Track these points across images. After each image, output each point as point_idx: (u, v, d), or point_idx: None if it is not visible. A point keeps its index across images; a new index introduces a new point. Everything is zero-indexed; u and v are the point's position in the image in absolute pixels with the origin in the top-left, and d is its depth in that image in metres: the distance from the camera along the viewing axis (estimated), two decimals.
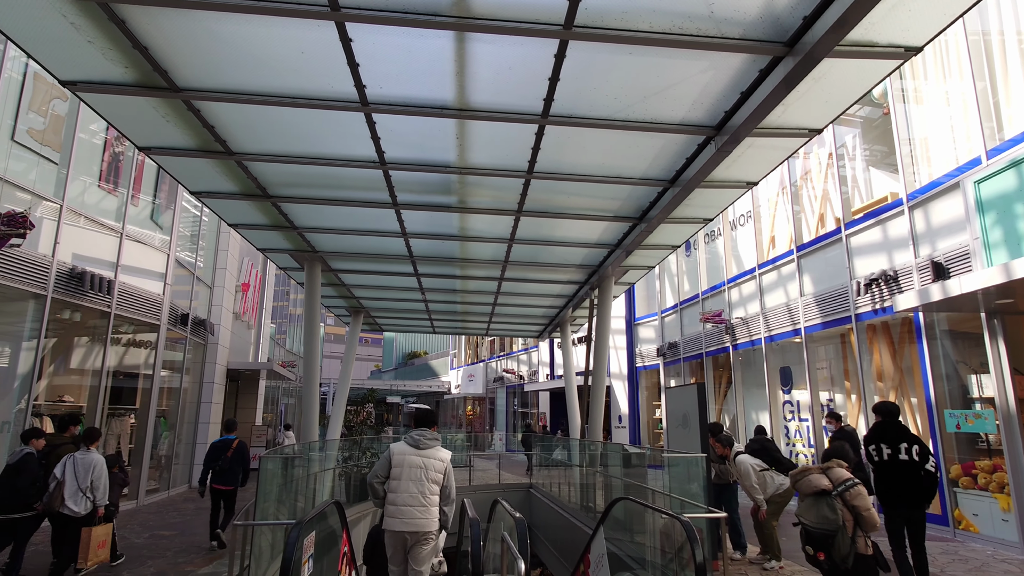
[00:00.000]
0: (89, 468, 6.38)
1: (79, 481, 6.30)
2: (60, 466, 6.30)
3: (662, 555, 6.79)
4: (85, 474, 6.34)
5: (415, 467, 4.89)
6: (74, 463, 6.35)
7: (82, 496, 6.28)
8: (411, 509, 4.81)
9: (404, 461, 4.91)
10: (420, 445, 4.98)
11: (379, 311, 14.35)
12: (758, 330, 13.85)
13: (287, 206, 7.54)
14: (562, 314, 13.97)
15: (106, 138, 11.12)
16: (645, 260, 9.79)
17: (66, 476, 6.25)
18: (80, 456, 6.42)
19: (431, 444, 5.02)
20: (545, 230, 8.27)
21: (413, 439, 5.02)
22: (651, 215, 7.32)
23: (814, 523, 4.43)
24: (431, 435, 5.06)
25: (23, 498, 6.09)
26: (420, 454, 4.95)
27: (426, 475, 4.89)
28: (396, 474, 4.89)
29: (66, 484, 6.22)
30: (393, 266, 10.26)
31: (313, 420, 10.06)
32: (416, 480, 4.86)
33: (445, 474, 5.03)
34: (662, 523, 7.13)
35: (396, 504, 4.84)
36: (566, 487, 13.11)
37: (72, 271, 9.66)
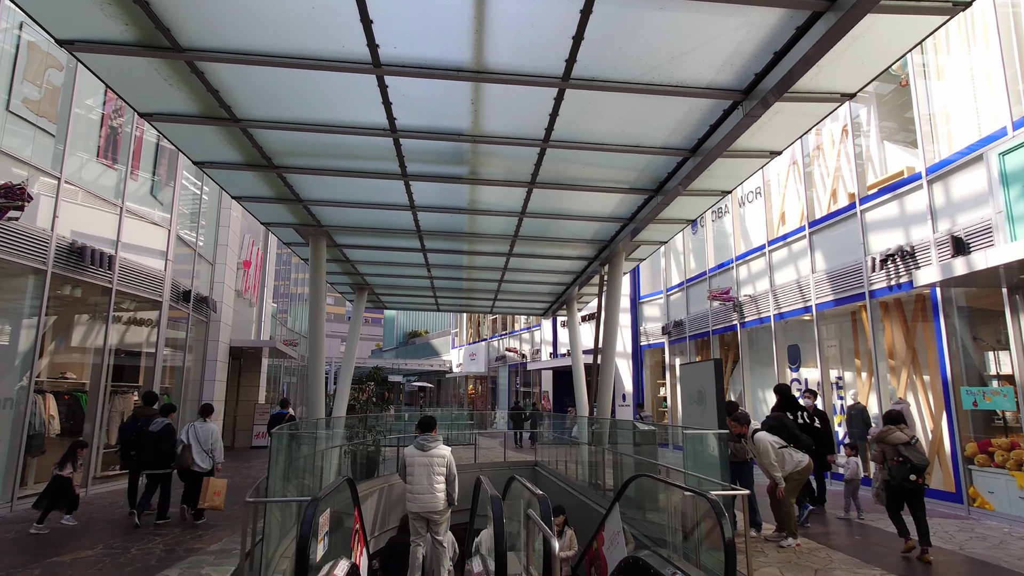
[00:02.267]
0: (208, 434, 8.14)
1: (201, 444, 8.04)
2: (184, 433, 8.13)
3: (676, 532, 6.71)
4: (206, 439, 8.09)
5: (423, 465, 6.54)
6: (195, 431, 8.11)
7: (206, 455, 8.04)
8: (423, 495, 6.51)
9: (414, 462, 6.55)
10: (425, 448, 6.60)
11: (383, 288, 14.17)
12: (767, 308, 13.70)
13: (293, 177, 7.31)
14: (569, 291, 13.80)
15: (103, 114, 10.82)
16: (657, 235, 9.58)
17: (191, 440, 8.00)
18: (199, 425, 8.19)
19: (433, 445, 6.63)
20: (557, 203, 8.05)
21: (419, 444, 6.63)
22: (668, 187, 7.10)
23: (918, 460, 6.16)
24: (433, 438, 6.68)
25: (166, 457, 7.96)
26: (426, 454, 6.57)
27: (432, 470, 6.53)
28: (410, 471, 6.56)
29: (192, 447, 7.94)
30: (400, 241, 10.05)
31: (319, 397, 9.95)
32: (425, 474, 6.51)
33: (447, 465, 6.65)
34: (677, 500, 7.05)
35: (413, 492, 6.54)
36: (573, 465, 13.07)
37: (72, 246, 9.46)
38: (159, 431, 7.98)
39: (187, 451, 7.94)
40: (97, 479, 10.72)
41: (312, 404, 9.83)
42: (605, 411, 10.78)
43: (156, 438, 7.92)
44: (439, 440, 6.67)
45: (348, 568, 4.74)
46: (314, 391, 9.89)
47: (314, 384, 9.91)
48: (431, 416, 6.86)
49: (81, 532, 7.30)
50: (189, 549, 6.55)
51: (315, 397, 9.87)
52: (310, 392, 9.92)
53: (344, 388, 12.52)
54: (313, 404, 9.84)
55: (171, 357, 13.16)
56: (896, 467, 6.16)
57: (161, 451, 7.91)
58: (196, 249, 14.19)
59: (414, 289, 14.27)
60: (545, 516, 4.10)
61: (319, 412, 9.93)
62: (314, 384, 9.91)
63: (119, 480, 11.07)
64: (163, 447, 7.93)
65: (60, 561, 5.99)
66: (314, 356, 9.91)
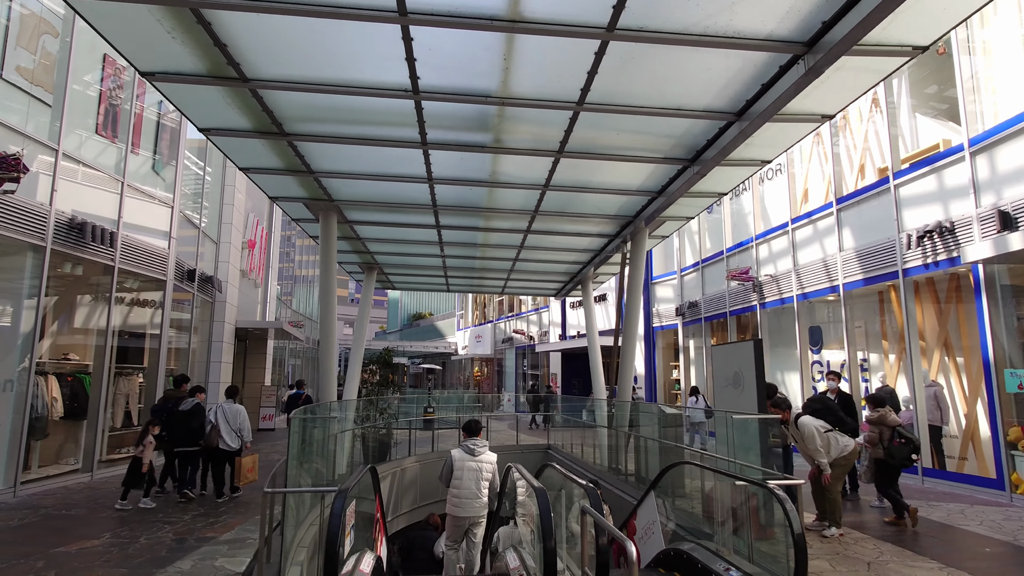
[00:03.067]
0: (236, 415, 8.37)
1: (230, 424, 8.27)
2: (212, 413, 8.34)
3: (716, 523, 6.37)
4: (234, 419, 8.32)
5: (472, 470, 6.35)
6: (223, 411, 8.34)
7: (234, 435, 8.27)
8: (469, 501, 6.32)
9: (463, 466, 6.35)
10: (475, 453, 6.40)
11: (393, 267, 13.75)
12: (789, 288, 13.27)
13: (304, 146, 6.86)
14: (585, 271, 13.37)
15: (101, 90, 10.30)
16: (685, 210, 9.14)
17: (219, 420, 8.23)
18: (227, 406, 8.42)
19: (482, 451, 6.46)
20: (584, 174, 7.60)
21: (468, 448, 6.43)
22: (706, 156, 6.64)
23: (916, 439, 6.75)
24: (482, 443, 6.52)
25: (196, 436, 8.22)
26: (475, 459, 6.38)
27: (480, 475, 6.36)
28: (458, 475, 6.34)
29: (221, 427, 8.18)
30: (414, 217, 9.61)
31: (331, 379, 9.59)
32: (473, 480, 6.33)
33: (493, 473, 6.51)
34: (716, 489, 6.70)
35: (458, 497, 6.33)
36: (590, 449, 12.77)
37: (72, 221, 9.04)
38: (189, 410, 8.28)
39: (215, 431, 8.23)
40: (103, 463, 10.41)
41: (324, 386, 9.48)
42: (626, 394, 10.41)
43: (186, 417, 8.23)
44: (487, 444, 6.54)
45: (374, 563, 4.39)
46: (326, 373, 9.52)
47: (326, 366, 9.55)
48: (477, 420, 6.76)
49: (86, 519, 6.98)
50: (200, 539, 6.22)
51: (327, 379, 9.51)
52: (321, 374, 9.56)
53: (355, 370, 12.16)
54: (325, 386, 9.48)
55: (176, 338, 12.80)
56: (898, 447, 6.70)
57: (192, 429, 8.23)
58: (200, 227, 13.76)
59: (425, 268, 13.85)
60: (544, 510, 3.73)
61: (331, 395, 9.59)
62: (326, 366, 9.55)
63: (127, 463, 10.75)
64: (193, 425, 8.25)
65: (65, 552, 5.67)
66: (325, 336, 9.54)
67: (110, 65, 10.53)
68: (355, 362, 12.29)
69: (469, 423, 6.70)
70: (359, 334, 12.69)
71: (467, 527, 6.44)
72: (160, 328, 11.67)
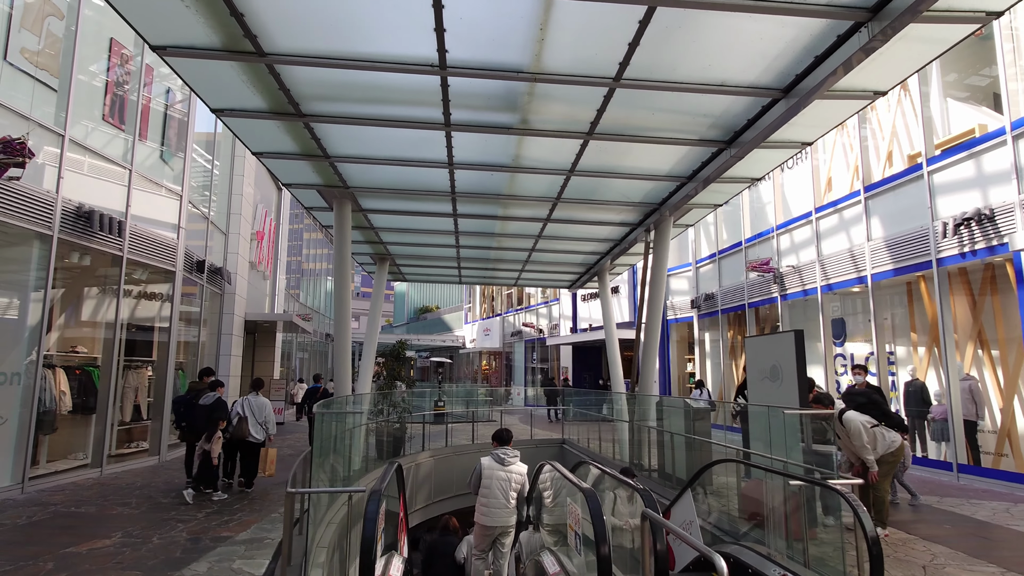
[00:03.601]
0: (262, 408, 8.50)
1: (256, 417, 8.40)
2: (238, 406, 8.48)
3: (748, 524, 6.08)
4: (260, 412, 8.46)
5: (502, 480, 6.20)
6: (249, 404, 8.46)
7: (260, 427, 8.42)
8: (498, 511, 6.19)
9: (493, 475, 6.20)
10: (505, 463, 6.25)
11: (405, 258, 13.45)
12: (813, 279, 12.91)
13: (321, 128, 6.55)
14: (602, 262, 13.04)
15: (107, 81, 10.00)
16: (713, 197, 8.79)
17: (246, 413, 8.37)
18: (252, 399, 8.55)
19: (513, 461, 6.30)
20: (612, 159, 7.26)
21: (499, 457, 6.27)
22: (744, 138, 6.30)
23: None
24: (512, 452, 6.34)
25: (217, 429, 8.09)
26: (505, 469, 6.23)
27: (510, 486, 6.22)
28: (487, 484, 6.21)
29: (248, 419, 8.34)
30: (430, 205, 9.30)
31: (346, 372, 9.32)
32: (502, 490, 6.18)
33: (523, 483, 6.35)
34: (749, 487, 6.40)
35: (487, 507, 6.20)
36: (609, 444, 12.48)
37: (79, 210, 8.76)
38: (210, 404, 8.25)
39: (243, 423, 8.38)
40: (112, 457, 10.18)
41: (339, 380, 9.21)
42: (649, 387, 10.11)
43: (208, 411, 8.20)
44: (517, 454, 6.36)
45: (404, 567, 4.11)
46: (341, 366, 9.26)
47: (340, 358, 9.28)
48: (508, 429, 6.62)
49: (97, 517, 6.73)
50: (216, 538, 5.96)
51: (342, 372, 9.24)
52: (336, 367, 9.30)
53: (368, 364, 11.89)
54: (340, 380, 9.22)
55: (185, 331, 12.54)
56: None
57: (214, 422, 8.19)
58: (209, 218, 13.48)
59: (438, 260, 13.54)
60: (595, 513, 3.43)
61: (346, 388, 9.32)
62: (340, 358, 9.28)
63: (136, 458, 10.56)
64: (215, 418, 8.20)
65: (76, 552, 5.41)
66: (340, 329, 9.26)
67: (117, 51, 10.23)
68: (368, 355, 12.02)
69: (500, 432, 6.51)
70: (372, 327, 12.41)
71: (496, 536, 6.34)
72: (169, 320, 11.41)
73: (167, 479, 9.22)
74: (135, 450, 11.18)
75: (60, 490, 8.16)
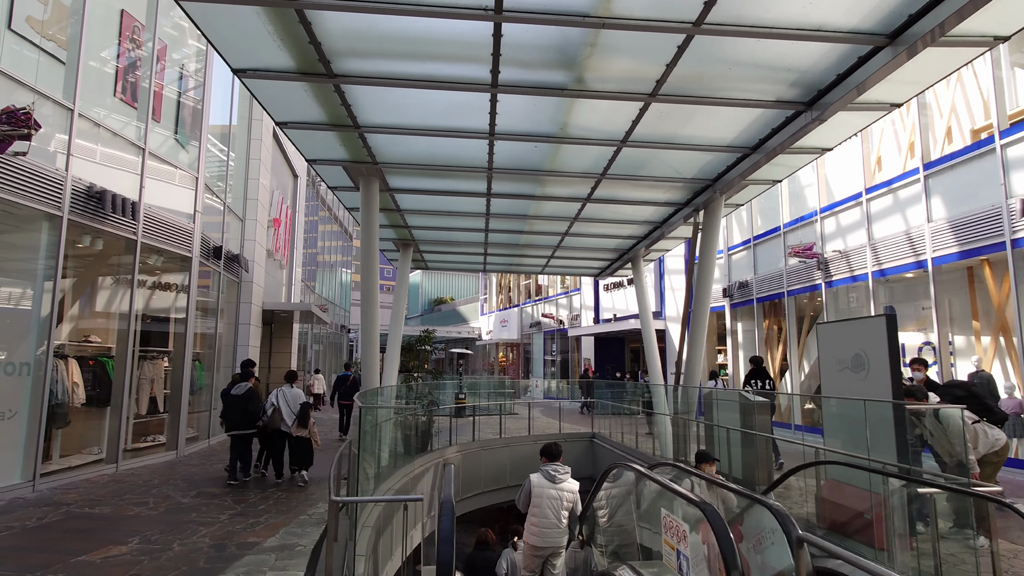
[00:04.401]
0: (296, 399, 8.52)
1: (290, 407, 8.42)
2: (272, 397, 8.57)
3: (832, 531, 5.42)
4: (294, 403, 8.47)
5: (552, 499, 5.74)
6: (284, 395, 8.49)
7: (293, 418, 8.38)
8: (549, 531, 5.76)
9: (543, 493, 5.74)
10: (555, 480, 5.79)
11: (430, 244, 12.83)
12: (862, 264, 12.14)
13: (352, 92, 5.91)
14: (637, 248, 12.34)
15: (117, 67, 9.40)
16: (773, 172, 8.06)
17: (280, 404, 8.41)
18: (287, 390, 8.58)
19: (564, 478, 5.82)
20: (672, 126, 6.56)
21: (549, 474, 5.80)
22: (829, 98, 5.59)
23: None
24: (564, 469, 5.86)
25: (252, 419, 8.39)
26: (556, 487, 5.77)
27: (561, 504, 5.76)
28: (537, 503, 5.75)
29: (282, 409, 8.37)
30: (463, 183, 8.65)
31: (374, 362, 8.73)
32: (553, 509, 5.73)
33: (575, 502, 5.87)
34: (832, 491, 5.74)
35: (538, 526, 5.76)
36: (646, 438, 11.84)
37: (90, 190, 8.21)
38: (243, 394, 8.40)
39: (277, 413, 8.42)
40: (128, 452, 9.69)
41: (367, 370, 8.62)
42: (695, 378, 9.45)
43: (242, 401, 8.37)
44: (568, 471, 5.89)
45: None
46: (368, 357, 8.66)
47: (368, 349, 8.68)
48: (557, 443, 6.11)
49: (112, 519, 6.20)
50: (242, 545, 5.39)
51: (370, 363, 8.65)
52: (364, 358, 8.71)
53: (394, 355, 11.31)
54: (368, 371, 8.63)
55: (202, 321, 12.01)
56: None
57: (248, 412, 8.35)
58: (225, 203, 12.92)
59: (464, 245, 12.91)
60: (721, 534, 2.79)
61: (374, 379, 8.73)
62: (368, 349, 8.68)
63: (153, 453, 10.05)
64: (249, 408, 8.37)
65: (88, 561, 4.85)
66: (367, 317, 8.66)
67: (128, 24, 9.64)
68: (393, 346, 11.43)
69: (549, 446, 6.01)
70: (397, 316, 11.82)
71: (546, 556, 5.88)
72: (186, 309, 10.87)
73: (186, 475, 8.70)
74: (152, 444, 10.69)
75: (73, 487, 7.66)
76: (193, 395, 11.20)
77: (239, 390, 8.42)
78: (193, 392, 11.21)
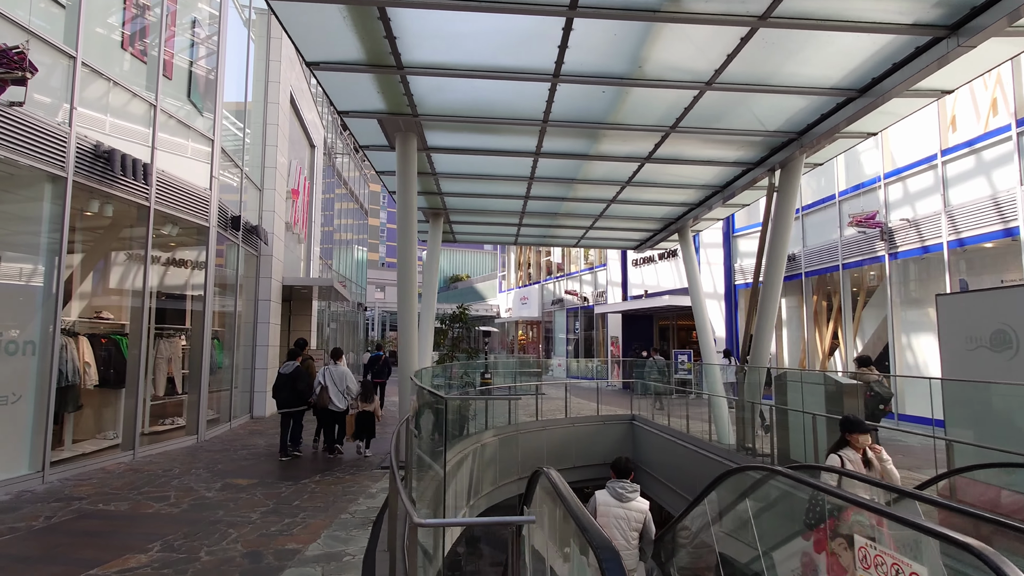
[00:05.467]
0: (343, 377, 8.77)
1: (337, 386, 8.66)
2: (320, 375, 8.77)
3: None
4: (340, 380, 8.74)
5: (619, 518, 5.27)
6: (331, 373, 8.73)
7: (341, 396, 8.71)
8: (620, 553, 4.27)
9: (609, 512, 5.30)
10: (623, 498, 5.32)
11: (462, 213, 11.90)
12: (936, 233, 11.09)
13: (399, 18, 4.96)
14: (687, 217, 11.35)
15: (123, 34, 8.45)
16: (872, 122, 6.99)
17: (328, 382, 8.65)
18: (333, 368, 8.79)
19: (632, 496, 5.35)
20: (774, 60, 5.54)
21: (616, 491, 5.35)
22: (981, 21, 4.58)
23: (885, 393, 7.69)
24: (632, 487, 5.39)
25: (301, 397, 8.58)
26: (623, 506, 5.31)
27: (628, 524, 5.27)
28: (603, 523, 5.22)
29: (329, 388, 8.61)
30: (511, 139, 7.70)
31: (412, 343, 7.90)
32: (621, 530, 5.25)
33: (644, 522, 5.35)
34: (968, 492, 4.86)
35: None
36: (697, 422, 11.01)
37: (97, 148, 7.36)
38: (290, 373, 8.60)
39: (325, 392, 8.60)
40: (146, 436, 9.00)
41: (406, 350, 7.81)
42: (763, 357, 8.57)
43: (290, 380, 8.55)
44: (637, 488, 5.42)
45: None
46: (406, 334, 7.84)
47: (406, 326, 7.86)
48: (627, 457, 5.72)
49: (130, 518, 5.46)
50: (280, 553, 4.61)
51: (408, 339, 7.84)
52: (402, 335, 7.90)
53: (427, 333, 10.50)
54: (407, 349, 7.82)
55: (220, 296, 11.23)
56: (869, 400, 7.35)
57: (296, 390, 8.53)
58: (243, 170, 12.05)
59: (499, 215, 11.97)
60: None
61: (413, 360, 7.92)
62: (406, 326, 7.86)
63: (172, 438, 9.34)
64: (298, 387, 8.54)
65: (102, 575, 4.09)
66: (404, 292, 7.82)
67: None
68: (427, 323, 10.60)
69: (618, 461, 5.59)
70: (429, 291, 10.97)
71: None
72: (204, 283, 10.07)
73: (208, 463, 7.98)
74: (170, 427, 10.01)
75: (87, 479, 6.94)
76: (212, 375, 10.46)
77: (287, 368, 8.62)
78: (212, 372, 10.48)
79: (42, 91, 6.90)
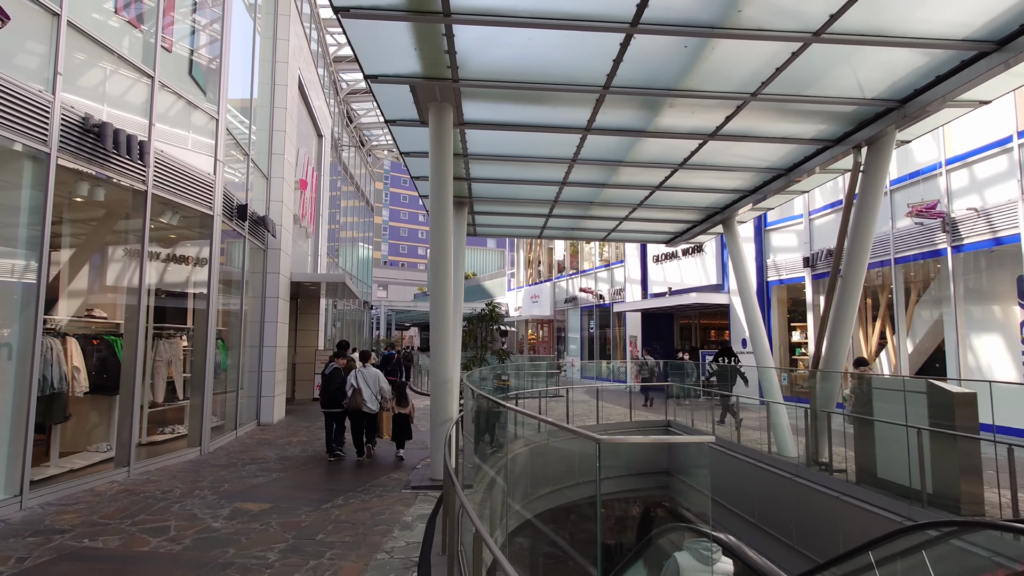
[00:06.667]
0: (375, 379, 8.70)
1: (371, 388, 8.60)
2: (352, 377, 8.65)
3: None
4: (373, 382, 8.66)
5: None
6: (363, 375, 8.64)
7: (374, 397, 8.61)
8: None
9: None
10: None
11: (487, 203, 10.90)
12: (1012, 223, 10.10)
13: None
14: (738, 205, 10.34)
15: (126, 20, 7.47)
16: (988, 89, 5.98)
17: (360, 384, 8.55)
18: (364, 370, 8.70)
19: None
20: (904, 3, 4.56)
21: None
22: None
23: None
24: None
25: (337, 398, 8.62)
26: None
27: None
28: None
29: (362, 390, 8.53)
30: (561, 111, 6.70)
31: (446, 342, 6.93)
32: None
33: None
34: None
35: None
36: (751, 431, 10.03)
37: (86, 122, 6.37)
38: (328, 374, 8.75)
39: (357, 394, 8.55)
40: (143, 447, 8.04)
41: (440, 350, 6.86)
42: (839, 360, 7.61)
43: (327, 381, 8.70)
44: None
45: None
46: (440, 332, 6.88)
47: (440, 323, 6.89)
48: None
49: (122, 559, 4.47)
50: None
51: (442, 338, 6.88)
52: (435, 333, 6.93)
53: (456, 333, 9.51)
54: (440, 349, 6.87)
55: (225, 293, 10.24)
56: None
57: (330, 392, 8.61)
58: (249, 155, 11.06)
59: (528, 204, 10.97)
60: None
61: (447, 361, 6.97)
62: (440, 323, 6.89)
63: (173, 449, 8.35)
64: (331, 389, 8.63)
65: None
66: (439, 286, 6.86)
67: None
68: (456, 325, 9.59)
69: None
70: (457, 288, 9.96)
71: None
72: (208, 278, 9.09)
73: (214, 482, 6.99)
74: (171, 436, 9.03)
75: (73, 503, 5.96)
76: (216, 379, 9.48)
77: (327, 370, 8.82)
78: (216, 376, 9.50)
79: (20, 53, 5.93)
